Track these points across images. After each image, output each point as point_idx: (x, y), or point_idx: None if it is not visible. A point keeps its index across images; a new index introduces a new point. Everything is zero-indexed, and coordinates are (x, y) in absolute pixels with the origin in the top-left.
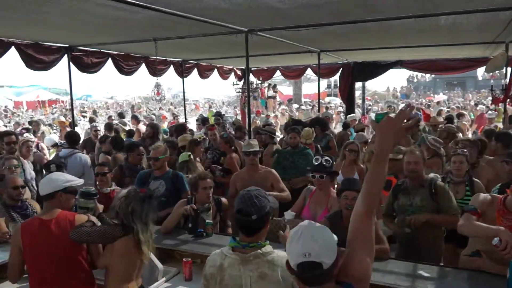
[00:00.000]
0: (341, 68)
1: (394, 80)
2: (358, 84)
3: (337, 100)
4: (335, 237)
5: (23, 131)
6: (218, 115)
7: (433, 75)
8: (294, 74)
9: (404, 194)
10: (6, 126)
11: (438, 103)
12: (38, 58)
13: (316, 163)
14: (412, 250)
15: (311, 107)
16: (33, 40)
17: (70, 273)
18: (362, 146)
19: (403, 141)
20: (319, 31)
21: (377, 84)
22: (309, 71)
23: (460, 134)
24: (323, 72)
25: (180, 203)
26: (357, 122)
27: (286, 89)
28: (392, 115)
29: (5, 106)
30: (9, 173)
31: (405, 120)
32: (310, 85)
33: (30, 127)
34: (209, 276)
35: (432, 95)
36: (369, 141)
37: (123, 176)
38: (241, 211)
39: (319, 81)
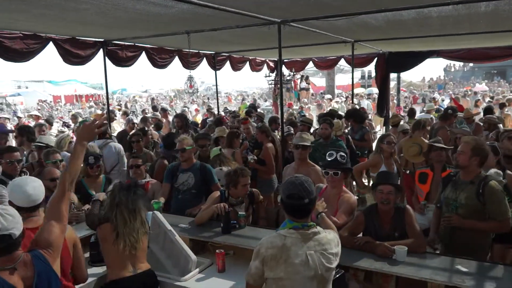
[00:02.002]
0: (376, 58)
1: (430, 70)
2: (393, 75)
3: (375, 90)
4: None
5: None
6: (252, 107)
7: (471, 64)
8: (327, 65)
9: (452, 187)
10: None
11: (475, 93)
12: (74, 52)
13: (330, 159)
14: (453, 247)
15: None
16: (69, 35)
17: None
18: (402, 136)
19: (441, 133)
20: (353, 20)
21: (413, 75)
22: (342, 62)
23: (501, 125)
24: (356, 62)
25: (214, 199)
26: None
27: (318, 80)
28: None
29: (45, 100)
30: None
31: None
32: (344, 76)
33: (71, 121)
34: (269, 257)
35: (472, 84)
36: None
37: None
38: (293, 196)
39: (353, 72)
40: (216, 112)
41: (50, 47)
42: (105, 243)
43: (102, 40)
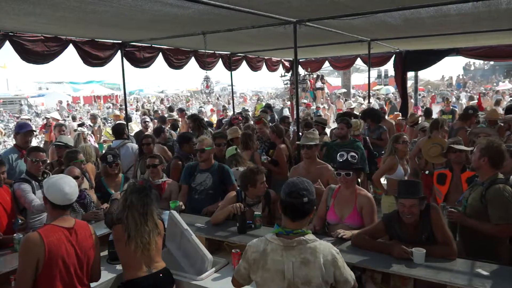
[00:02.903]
0: (393, 57)
1: (449, 69)
2: (411, 74)
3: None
4: None
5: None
6: (268, 107)
7: (491, 62)
8: (343, 64)
9: (470, 187)
10: (65, 120)
11: (497, 92)
12: (94, 54)
13: (341, 160)
14: (471, 248)
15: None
16: (89, 37)
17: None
18: (422, 135)
19: (460, 133)
20: (370, 19)
21: (431, 73)
22: (358, 61)
23: None
24: (373, 61)
25: (230, 198)
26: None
27: (334, 80)
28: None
29: (66, 101)
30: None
31: None
32: (360, 75)
33: (90, 122)
34: (252, 261)
35: (494, 83)
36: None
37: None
38: (292, 193)
39: (369, 71)
40: (231, 113)
41: (70, 49)
42: (119, 244)
43: (120, 41)
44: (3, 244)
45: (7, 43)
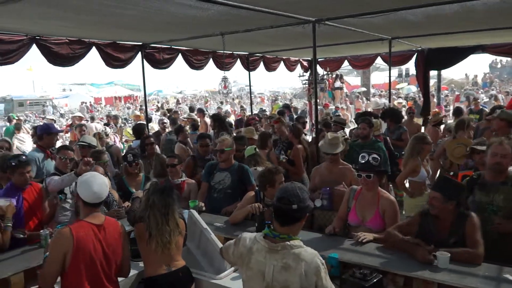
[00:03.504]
0: (415, 55)
1: (473, 67)
2: (433, 72)
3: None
4: None
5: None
6: (286, 107)
7: None
8: (363, 63)
9: (481, 190)
10: (87, 120)
11: None
12: (115, 56)
13: (363, 161)
14: (497, 253)
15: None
16: (110, 40)
17: (103, 284)
18: (448, 135)
19: (486, 134)
20: (390, 17)
21: (454, 72)
22: (378, 60)
23: None
24: (394, 60)
25: (249, 198)
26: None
27: (353, 79)
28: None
29: (88, 102)
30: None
31: None
32: (380, 74)
33: (112, 123)
34: (239, 254)
35: None
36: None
37: (196, 166)
38: (282, 199)
39: (390, 70)
40: (249, 113)
41: (91, 51)
42: (140, 241)
43: (140, 43)
44: (30, 240)
45: (34, 46)
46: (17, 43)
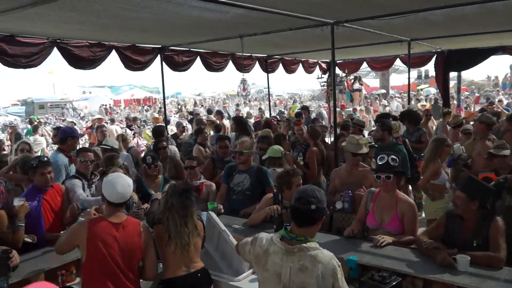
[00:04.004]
0: (435, 56)
1: (494, 68)
2: (453, 73)
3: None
4: None
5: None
6: (305, 109)
7: None
8: (382, 65)
9: (510, 194)
10: (107, 122)
11: None
12: (134, 59)
13: (382, 162)
14: None
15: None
16: (130, 42)
17: (122, 282)
18: (465, 138)
19: (506, 136)
20: (410, 18)
21: (474, 73)
22: (397, 62)
23: None
24: (413, 62)
25: (267, 200)
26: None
27: (372, 81)
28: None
29: (107, 104)
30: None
31: None
32: (398, 76)
33: (135, 125)
34: (256, 254)
35: None
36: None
37: (215, 168)
38: (301, 199)
39: (409, 72)
40: (268, 115)
41: (110, 54)
42: (159, 243)
43: (159, 46)
44: (51, 241)
45: (55, 49)
46: (38, 46)
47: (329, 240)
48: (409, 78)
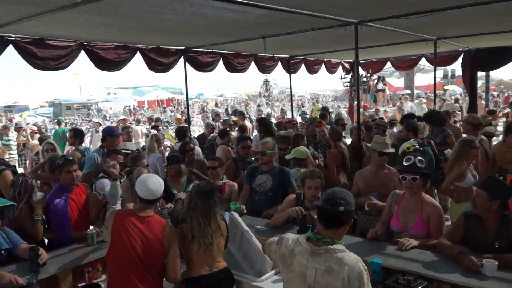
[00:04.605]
0: (461, 55)
1: None
2: (481, 72)
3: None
4: None
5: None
6: (325, 110)
7: None
8: (406, 65)
9: None
10: (131, 123)
11: None
12: (158, 60)
13: (408, 163)
14: None
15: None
16: (154, 44)
17: (144, 275)
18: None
19: None
20: (436, 16)
21: (504, 72)
22: (422, 61)
23: None
24: (439, 61)
25: (289, 201)
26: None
27: (396, 81)
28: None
29: (131, 105)
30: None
31: None
32: (423, 75)
33: (161, 126)
34: (281, 254)
35: None
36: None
37: (238, 168)
38: (329, 200)
39: (435, 71)
40: (290, 116)
41: (135, 56)
42: (183, 242)
43: (183, 48)
44: (78, 239)
45: (82, 52)
46: (67, 49)
47: (353, 242)
48: (435, 78)
